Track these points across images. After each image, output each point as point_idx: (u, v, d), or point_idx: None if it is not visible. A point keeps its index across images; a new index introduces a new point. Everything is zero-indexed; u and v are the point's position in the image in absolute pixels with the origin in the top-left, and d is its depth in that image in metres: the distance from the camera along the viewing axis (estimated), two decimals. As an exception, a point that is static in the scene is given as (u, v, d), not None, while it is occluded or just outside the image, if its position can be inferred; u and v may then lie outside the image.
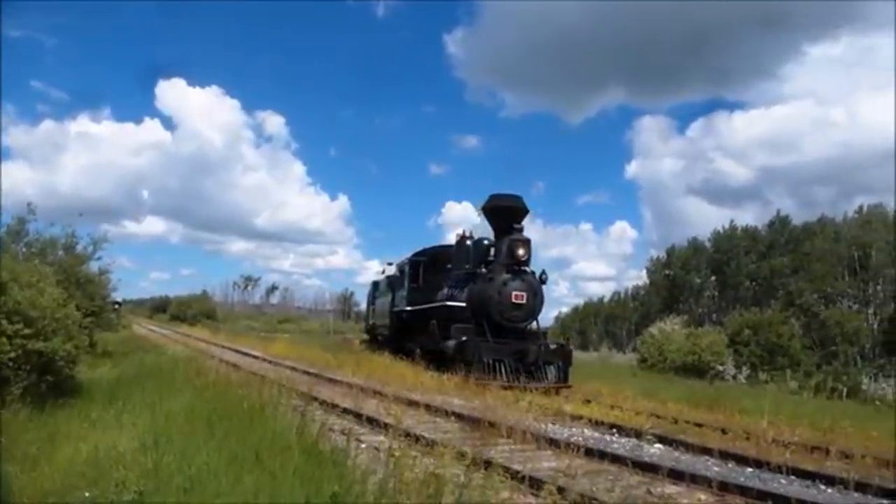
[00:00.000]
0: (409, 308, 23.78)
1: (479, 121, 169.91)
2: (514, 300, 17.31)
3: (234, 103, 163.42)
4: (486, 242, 19.05)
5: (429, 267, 23.97)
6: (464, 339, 16.76)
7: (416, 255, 24.87)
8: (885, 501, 6.29)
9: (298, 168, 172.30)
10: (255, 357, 23.19)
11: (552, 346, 17.44)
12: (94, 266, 18.01)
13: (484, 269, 18.27)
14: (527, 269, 17.90)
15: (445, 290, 20.71)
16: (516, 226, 17.98)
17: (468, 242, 20.35)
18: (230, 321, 77.37)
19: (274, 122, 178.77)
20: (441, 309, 20.10)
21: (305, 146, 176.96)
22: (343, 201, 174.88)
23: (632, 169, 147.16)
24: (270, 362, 20.76)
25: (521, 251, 17.40)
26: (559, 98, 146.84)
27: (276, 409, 7.80)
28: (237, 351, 26.58)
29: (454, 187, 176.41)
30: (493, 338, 16.86)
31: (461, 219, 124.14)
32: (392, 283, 27.76)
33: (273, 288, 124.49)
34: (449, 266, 21.70)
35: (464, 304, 18.63)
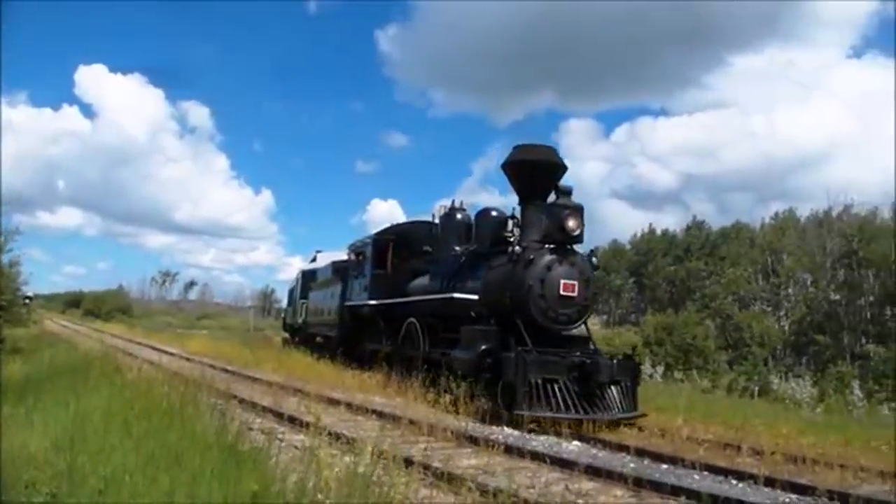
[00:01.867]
0: (371, 302, 17.92)
1: (409, 119, 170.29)
2: (562, 291, 11.61)
3: (157, 92, 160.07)
4: (494, 214, 14.32)
5: (399, 249, 18.43)
6: (485, 347, 11.21)
7: (382, 233, 19.08)
8: (792, 496, 6.49)
9: (222, 161, 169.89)
10: (173, 354, 22.71)
11: (617, 359, 11.72)
12: (4, 259, 17.41)
13: (511, 249, 11.95)
14: (575, 249, 12.18)
15: (428, 280, 15.76)
16: (562, 186, 12.18)
17: (459, 216, 15.99)
18: (147, 317, 75.73)
19: (198, 114, 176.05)
20: (434, 304, 14.58)
21: (230, 139, 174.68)
22: (267, 196, 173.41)
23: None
24: (188, 360, 20.37)
25: (571, 222, 11.61)
26: (489, 99, 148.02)
27: (195, 408, 7.64)
28: (154, 348, 26.02)
29: (381, 185, 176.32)
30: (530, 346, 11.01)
31: (386, 217, 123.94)
32: (341, 270, 21.80)
33: (192, 283, 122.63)
34: (427, 248, 17.00)
35: (473, 298, 13.09)
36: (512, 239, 12.77)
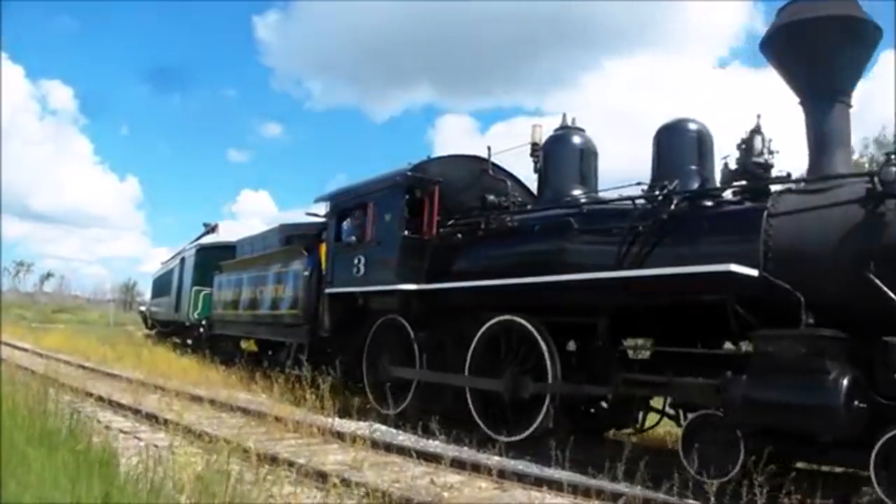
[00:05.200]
0: (407, 286, 10.31)
1: (284, 109, 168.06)
2: None
3: (17, 69, 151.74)
4: (694, 128, 8.48)
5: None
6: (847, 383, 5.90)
7: (416, 169, 10.96)
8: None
9: (85, 145, 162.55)
10: (25, 350, 21.51)
11: None
12: None
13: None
14: None
15: (535, 245, 9.24)
16: None
17: (577, 140, 10.08)
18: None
19: (61, 95, 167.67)
20: (608, 287, 7.83)
21: (95, 122, 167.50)
22: (133, 183, 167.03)
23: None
24: (42, 356, 19.37)
25: None
26: (367, 93, 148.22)
27: (44, 407, 7.30)
28: (5, 343, 24.60)
29: (252, 175, 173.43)
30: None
31: (256, 209, 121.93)
32: (304, 240, 14.17)
33: (48, 275, 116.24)
34: (492, 198, 10.47)
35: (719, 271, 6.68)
36: (763, 163, 7.54)
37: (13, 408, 7.08)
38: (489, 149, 11.07)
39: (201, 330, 20.55)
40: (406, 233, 10.70)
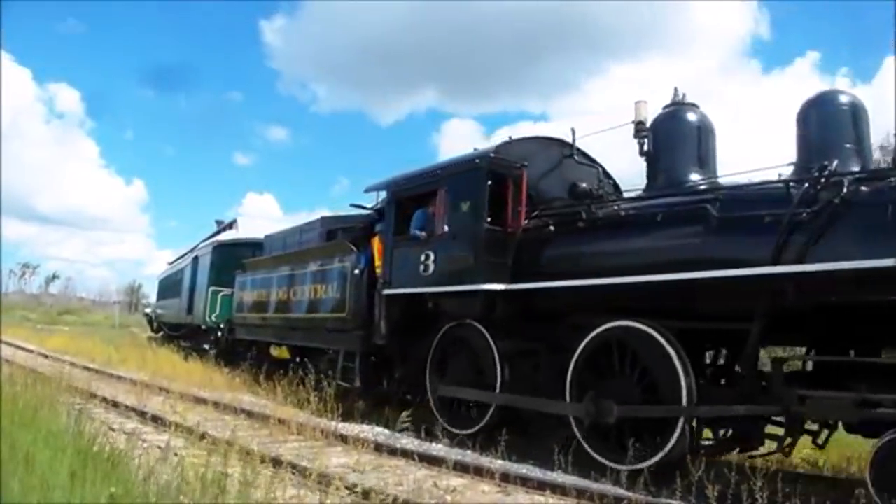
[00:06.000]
0: (500, 287, 8.99)
1: (290, 113, 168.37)
2: None
3: (24, 72, 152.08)
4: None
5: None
6: None
7: (500, 150, 9.64)
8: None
9: (91, 148, 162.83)
10: (31, 351, 21.59)
11: None
12: None
13: None
14: None
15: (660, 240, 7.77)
16: None
17: (693, 116, 8.74)
18: (3, 312, 71.75)
19: (68, 98, 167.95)
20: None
21: (101, 125, 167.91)
22: (139, 186, 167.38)
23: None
24: (47, 357, 19.42)
25: None
26: (372, 96, 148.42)
27: (51, 409, 7.33)
28: (10, 344, 24.68)
29: (258, 178, 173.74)
30: None
31: (260, 212, 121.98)
32: (352, 233, 12.55)
33: (53, 277, 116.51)
34: (582, 185, 9.46)
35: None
36: None
37: (18, 408, 7.13)
38: (573, 131, 9.84)
39: (219, 334, 19.02)
40: (486, 224, 9.12)
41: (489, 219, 9.14)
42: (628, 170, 10.19)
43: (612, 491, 6.36)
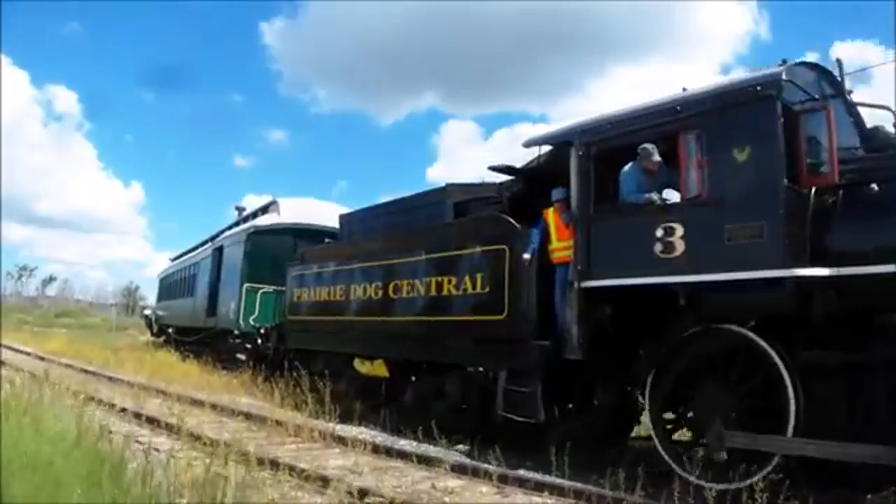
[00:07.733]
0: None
1: (290, 115, 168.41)
2: None
3: (22, 74, 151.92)
4: None
5: None
6: None
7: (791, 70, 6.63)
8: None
9: (90, 151, 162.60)
10: (27, 354, 21.56)
11: None
12: None
13: None
14: None
15: None
16: None
17: None
18: (2, 315, 71.50)
19: (66, 100, 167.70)
20: None
21: (100, 127, 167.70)
22: (137, 189, 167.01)
23: (434, 171, 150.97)
24: (44, 359, 19.38)
25: None
26: (372, 98, 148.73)
27: (52, 411, 7.33)
28: (9, 348, 24.63)
29: (257, 180, 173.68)
30: None
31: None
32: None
33: (51, 279, 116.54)
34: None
35: None
36: None
37: (19, 410, 7.13)
38: (839, 63, 7.43)
39: (260, 342, 15.41)
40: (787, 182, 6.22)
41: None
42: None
43: (609, 493, 6.36)
